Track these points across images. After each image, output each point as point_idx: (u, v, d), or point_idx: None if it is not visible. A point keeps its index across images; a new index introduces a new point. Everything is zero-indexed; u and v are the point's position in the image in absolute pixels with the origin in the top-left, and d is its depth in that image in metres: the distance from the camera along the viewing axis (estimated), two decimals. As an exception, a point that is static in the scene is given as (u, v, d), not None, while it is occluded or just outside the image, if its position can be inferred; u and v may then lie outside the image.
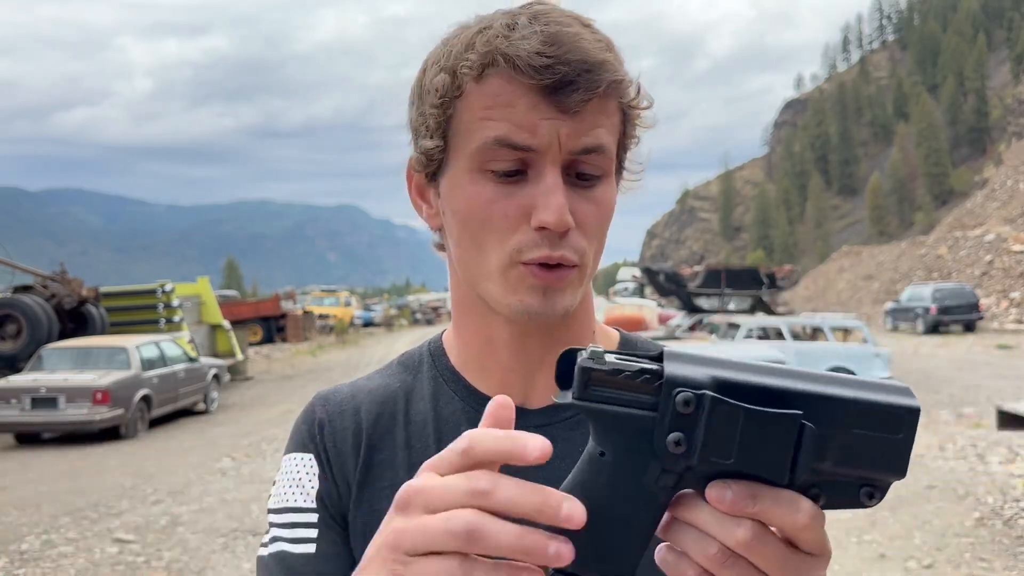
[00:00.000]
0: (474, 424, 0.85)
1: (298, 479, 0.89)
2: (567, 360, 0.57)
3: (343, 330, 36.62)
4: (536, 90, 0.76)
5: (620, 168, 0.86)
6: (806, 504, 0.53)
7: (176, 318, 18.50)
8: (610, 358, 0.54)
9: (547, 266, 0.80)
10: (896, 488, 4.50)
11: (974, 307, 29.28)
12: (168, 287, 18.80)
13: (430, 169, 0.84)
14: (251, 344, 27.39)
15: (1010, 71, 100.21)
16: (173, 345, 14.74)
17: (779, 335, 16.06)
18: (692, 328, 20.72)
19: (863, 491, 0.54)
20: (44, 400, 11.96)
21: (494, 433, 0.54)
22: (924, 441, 9.25)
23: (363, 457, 0.88)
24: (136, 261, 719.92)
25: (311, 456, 0.89)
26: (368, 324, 48.13)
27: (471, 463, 0.54)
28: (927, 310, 29.11)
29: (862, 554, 5.96)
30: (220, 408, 15.50)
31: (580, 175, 0.80)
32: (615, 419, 0.54)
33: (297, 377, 20.93)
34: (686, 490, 0.55)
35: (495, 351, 0.88)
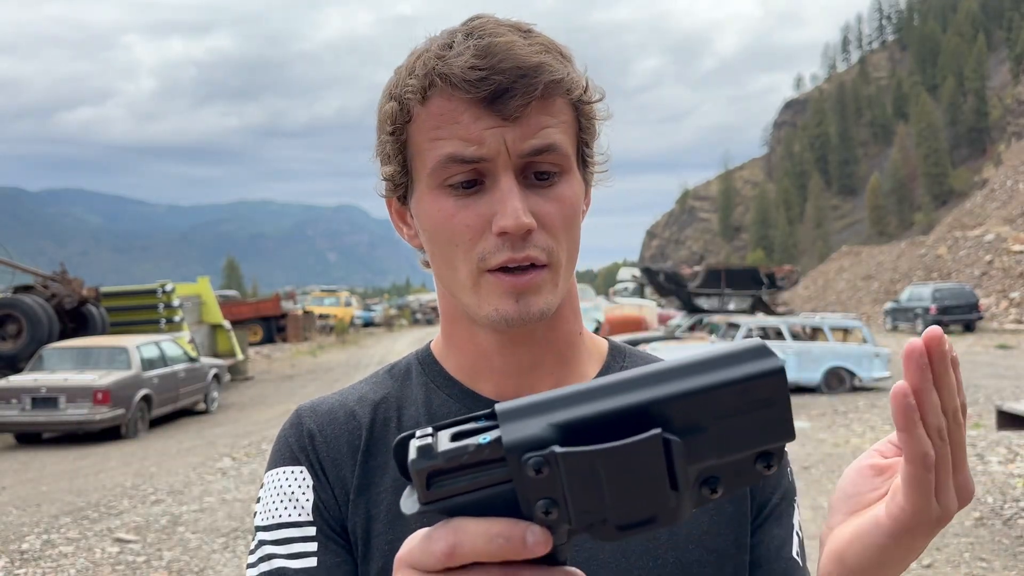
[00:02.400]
0: None
1: (289, 493, 0.87)
2: (402, 450, 0.50)
3: (343, 330, 36.62)
4: (476, 103, 0.78)
5: (584, 163, 0.87)
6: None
7: (176, 318, 18.51)
8: (443, 439, 0.47)
9: (515, 271, 0.81)
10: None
11: (974, 307, 29.30)
12: (168, 287, 18.80)
13: (398, 193, 0.87)
14: (251, 344, 27.40)
15: (1010, 71, 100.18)
16: (173, 345, 14.75)
17: (779, 335, 16.06)
18: (692, 328, 20.72)
19: (758, 464, 0.48)
20: (45, 400, 11.97)
21: (482, 530, 0.46)
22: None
23: (359, 462, 0.88)
24: (136, 261, 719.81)
25: (302, 468, 0.88)
26: (368, 324, 48.14)
27: (457, 564, 0.47)
28: (927, 310, 29.12)
29: (861, 554, 5.96)
30: (220, 408, 15.51)
31: (538, 175, 0.81)
32: (477, 505, 0.47)
33: (297, 377, 20.94)
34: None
35: (487, 358, 0.89)
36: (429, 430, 0.48)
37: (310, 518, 0.85)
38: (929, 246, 43.99)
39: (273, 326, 31.47)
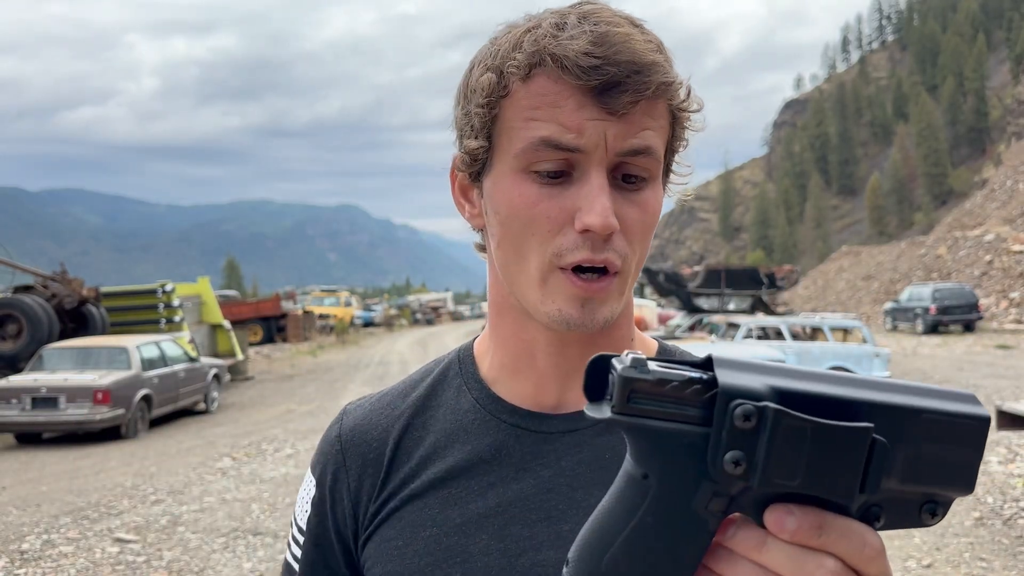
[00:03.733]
0: (492, 433, 0.86)
1: (302, 499, 0.93)
2: (598, 368, 0.51)
3: (343, 330, 36.62)
4: (583, 91, 0.75)
5: (667, 171, 0.85)
6: (873, 536, 0.49)
7: (176, 318, 18.50)
8: (653, 366, 0.48)
9: (587, 275, 0.78)
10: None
11: (973, 307, 29.28)
12: (168, 287, 18.80)
13: (474, 169, 0.83)
14: (251, 344, 27.40)
15: (1010, 71, 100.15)
16: (173, 345, 14.75)
17: (779, 335, 16.07)
18: (692, 328, 20.72)
19: (925, 508, 0.49)
20: (45, 400, 11.97)
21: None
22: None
23: (381, 479, 0.89)
24: (136, 261, 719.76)
25: (315, 482, 0.92)
26: (368, 324, 48.17)
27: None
28: (927, 310, 29.12)
29: (861, 554, 5.96)
30: (220, 408, 15.51)
31: (626, 178, 0.78)
32: (661, 436, 0.47)
33: (297, 377, 20.94)
34: (735, 515, 0.49)
35: (532, 356, 0.86)
36: (641, 354, 0.48)
37: (304, 527, 0.92)
38: (929, 246, 43.99)
39: (273, 326, 31.47)
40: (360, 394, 11.98)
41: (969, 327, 29.21)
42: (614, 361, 0.49)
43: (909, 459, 0.48)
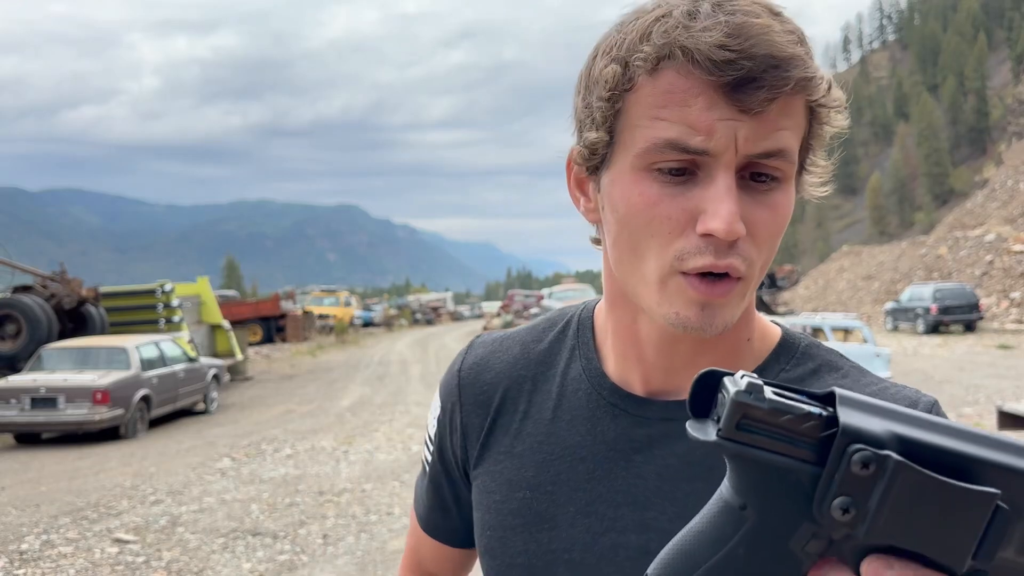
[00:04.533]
0: (591, 407, 0.88)
1: (433, 413, 1.00)
2: (708, 382, 0.49)
3: (343, 330, 36.64)
4: (715, 87, 0.70)
5: (801, 170, 0.80)
6: None
7: (176, 318, 18.50)
8: (770, 394, 0.45)
9: (710, 276, 0.74)
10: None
11: (974, 307, 29.27)
12: (168, 287, 18.80)
13: (593, 163, 0.79)
14: (251, 344, 27.40)
15: (1010, 71, 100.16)
16: (173, 345, 14.74)
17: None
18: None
19: None
20: (44, 400, 11.96)
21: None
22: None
23: (488, 424, 0.93)
24: (136, 261, 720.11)
25: (439, 405, 0.99)
26: (368, 324, 48.19)
27: None
28: (927, 310, 29.11)
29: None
30: (220, 408, 15.50)
31: (756, 176, 0.74)
32: (768, 469, 0.45)
33: (297, 377, 20.93)
34: (832, 561, 0.47)
35: (641, 349, 0.85)
36: (757, 378, 0.46)
37: (433, 437, 1.00)
38: (930, 246, 43.98)
39: (272, 326, 31.48)
40: (360, 395, 11.94)
41: (970, 327, 29.21)
42: (727, 381, 0.47)
43: None
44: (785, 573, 0.47)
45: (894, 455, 0.42)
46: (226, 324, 21.28)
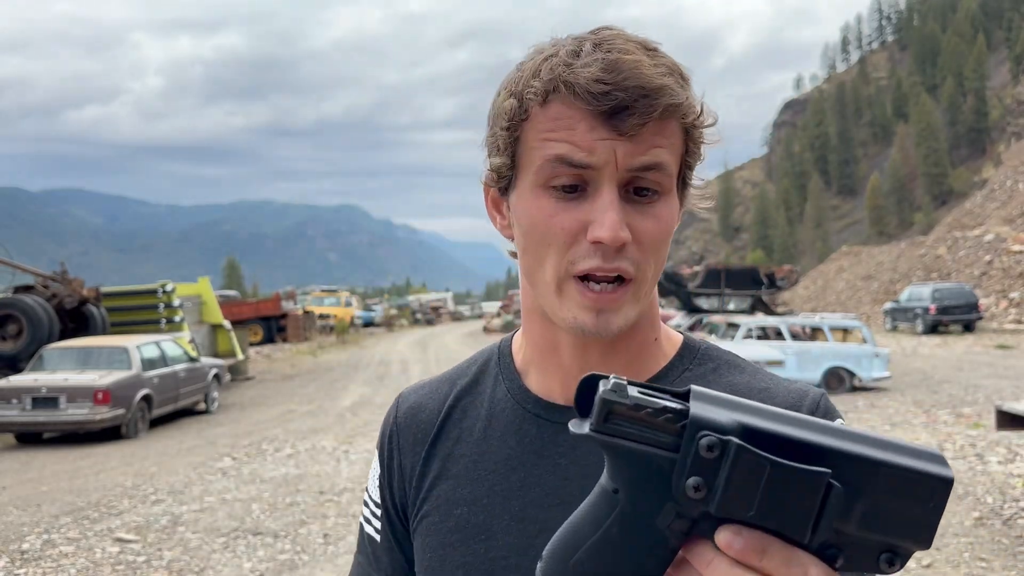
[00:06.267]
0: (517, 421, 0.94)
1: (373, 475, 1.04)
2: (588, 386, 0.56)
3: (343, 330, 36.63)
4: (594, 114, 0.80)
5: (685, 184, 0.90)
6: (817, 570, 0.51)
7: (177, 318, 18.51)
8: (633, 392, 0.52)
9: (600, 284, 0.83)
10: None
11: (973, 307, 29.28)
12: (169, 287, 18.81)
13: (501, 185, 0.90)
14: (252, 344, 27.40)
15: (1010, 71, 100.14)
16: (174, 345, 14.75)
17: (778, 335, 16.06)
18: (692, 328, 20.72)
19: (883, 557, 0.52)
20: (45, 400, 11.98)
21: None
22: (923, 440, 9.27)
23: (423, 456, 0.98)
24: (137, 261, 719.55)
25: (377, 459, 1.03)
26: (368, 324, 48.18)
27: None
28: (926, 310, 29.11)
29: (861, 553, 5.96)
30: (221, 408, 15.51)
31: (640, 191, 0.83)
32: (632, 456, 0.52)
33: (297, 377, 20.94)
34: (699, 537, 0.53)
35: (558, 356, 0.93)
36: (624, 380, 0.53)
37: (379, 500, 1.02)
38: (929, 246, 43.98)
39: (273, 326, 31.47)
40: (361, 395, 11.96)
41: (969, 327, 29.21)
42: (601, 383, 0.53)
43: (867, 508, 0.50)
44: (653, 549, 0.54)
45: (735, 440, 0.49)
46: (227, 324, 21.29)
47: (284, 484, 8.73)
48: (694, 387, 0.53)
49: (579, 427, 0.54)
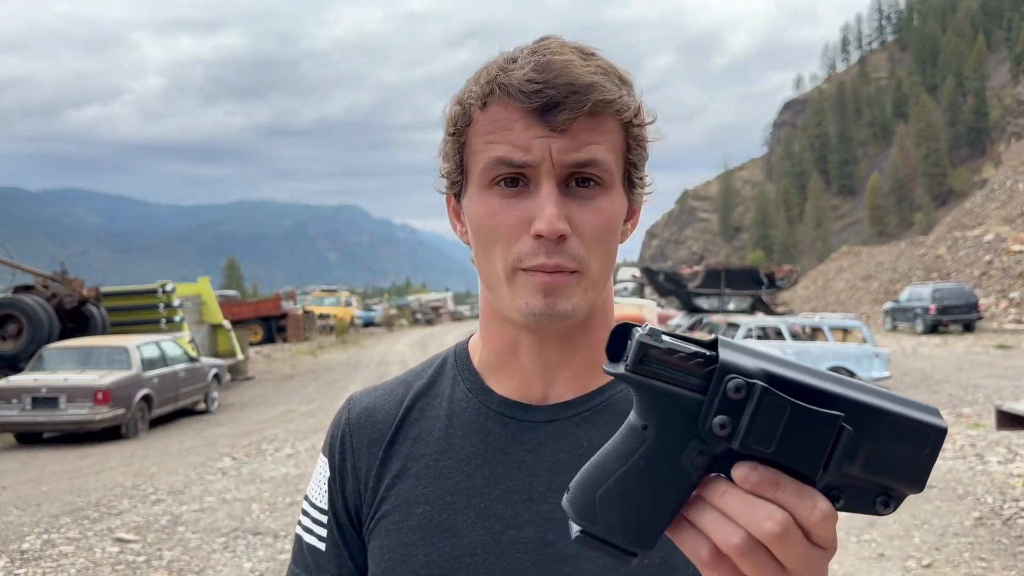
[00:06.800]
0: (480, 419, 0.94)
1: (320, 480, 1.02)
2: (620, 335, 0.60)
3: (343, 330, 36.59)
4: (528, 113, 0.84)
5: (631, 183, 0.92)
6: (825, 503, 0.57)
7: (177, 318, 18.50)
8: (667, 338, 0.57)
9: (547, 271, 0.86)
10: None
11: (973, 307, 29.27)
12: (169, 287, 18.80)
13: (453, 190, 0.94)
14: (252, 344, 27.40)
15: (1010, 71, 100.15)
16: (174, 345, 14.75)
17: (778, 335, 16.07)
18: (691, 328, 20.72)
19: (880, 499, 0.57)
20: (45, 400, 11.97)
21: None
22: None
23: (380, 456, 0.97)
24: (137, 261, 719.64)
25: (327, 463, 1.01)
26: (368, 324, 48.13)
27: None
28: (926, 310, 29.11)
29: (861, 553, 5.97)
30: (221, 408, 15.51)
31: (582, 183, 0.86)
32: (663, 395, 0.57)
33: (297, 377, 20.94)
34: (714, 474, 0.58)
35: (517, 355, 0.94)
36: (660, 328, 0.58)
37: (326, 507, 0.99)
38: (929, 246, 43.97)
39: (273, 326, 31.45)
40: (360, 394, 12.02)
41: (969, 327, 29.20)
42: (635, 329, 0.58)
43: (871, 452, 0.56)
44: (677, 482, 0.58)
45: (760, 383, 0.55)
46: (227, 324, 21.28)
47: (284, 484, 8.73)
48: (721, 336, 0.58)
49: (614, 368, 0.59)
